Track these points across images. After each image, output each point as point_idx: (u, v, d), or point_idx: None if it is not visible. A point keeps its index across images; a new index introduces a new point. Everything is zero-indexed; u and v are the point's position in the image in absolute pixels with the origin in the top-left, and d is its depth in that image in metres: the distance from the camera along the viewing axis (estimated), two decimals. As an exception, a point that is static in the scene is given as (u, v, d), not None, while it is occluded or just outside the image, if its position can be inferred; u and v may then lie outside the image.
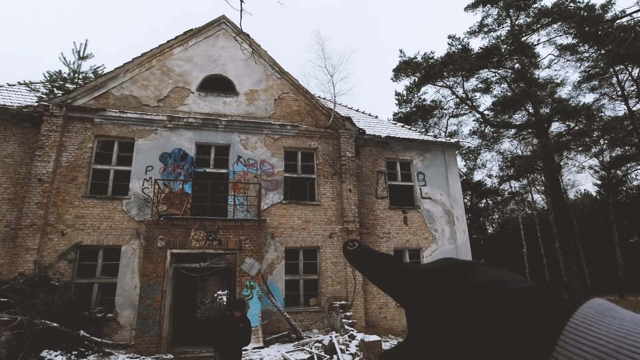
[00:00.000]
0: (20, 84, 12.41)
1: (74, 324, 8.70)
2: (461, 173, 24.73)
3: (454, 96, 26.54)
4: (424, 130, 26.07)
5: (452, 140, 15.05)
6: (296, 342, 9.49)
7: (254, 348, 9.23)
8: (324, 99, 14.79)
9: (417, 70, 25.89)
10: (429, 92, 53.41)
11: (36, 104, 10.90)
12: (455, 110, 27.41)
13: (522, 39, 22.64)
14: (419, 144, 14.17)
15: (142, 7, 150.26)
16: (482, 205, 29.71)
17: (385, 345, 9.74)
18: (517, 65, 23.46)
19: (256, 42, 12.54)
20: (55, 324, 8.22)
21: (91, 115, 11.24)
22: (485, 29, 24.40)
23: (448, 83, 25.82)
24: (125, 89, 11.87)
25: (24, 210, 10.01)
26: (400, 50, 26.70)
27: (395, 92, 29.06)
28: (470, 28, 25.05)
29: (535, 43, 23.20)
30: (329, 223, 12.11)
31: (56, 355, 7.85)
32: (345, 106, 16.54)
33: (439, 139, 14.97)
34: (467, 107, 26.18)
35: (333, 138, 13.08)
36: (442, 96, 27.46)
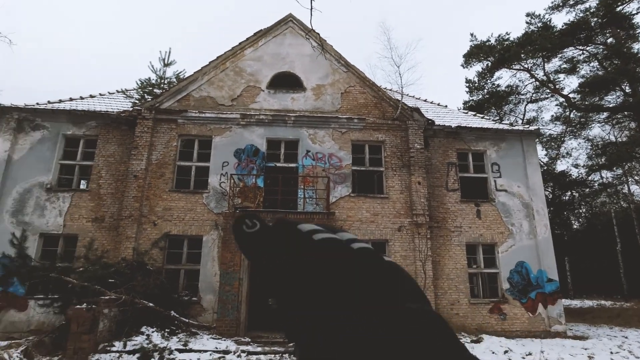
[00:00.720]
0: (117, 92, 14.09)
1: (165, 305, 9.70)
2: (541, 163, 22.80)
3: (533, 79, 24.45)
4: (498, 118, 24.40)
5: (531, 128, 13.95)
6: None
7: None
8: (390, 90, 14.55)
9: (490, 54, 24.25)
10: (504, 77, 49.80)
11: (131, 109, 12.28)
12: (534, 95, 25.25)
13: (617, 9, 20.06)
14: (493, 133, 13.35)
15: (214, 11, 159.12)
16: (567, 197, 27.11)
17: (459, 343, 9.46)
18: (610, 40, 20.89)
19: (322, 37, 12.72)
20: (151, 304, 9.24)
21: (175, 116, 12.32)
22: (571, 2, 22.00)
23: (526, 65, 23.83)
24: (203, 91, 12.79)
25: (124, 203, 11.36)
26: (471, 34, 25.19)
27: (466, 79, 27.50)
28: (552, 3, 22.75)
29: (634, 12, 20.41)
30: (398, 216, 11.97)
31: (153, 331, 8.83)
32: (413, 96, 16.11)
33: (516, 127, 13.98)
34: (548, 90, 23.97)
35: (401, 130, 12.85)
36: (519, 80, 25.47)
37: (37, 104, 12.57)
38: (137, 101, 12.93)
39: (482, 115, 15.75)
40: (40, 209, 11.51)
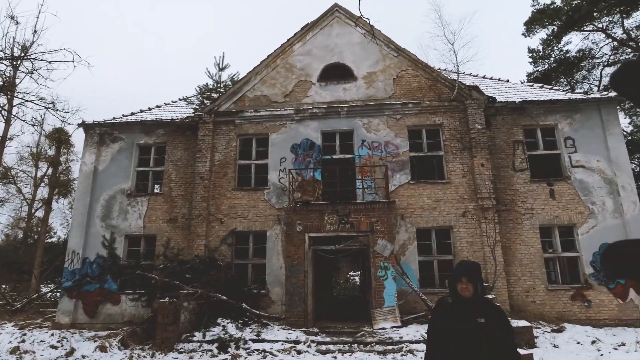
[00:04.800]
0: (180, 99, 15.07)
1: (237, 297, 10.25)
2: (625, 133, 20.44)
3: (610, 40, 21.89)
4: (568, 88, 22.27)
5: (611, 94, 12.52)
6: (435, 323, 9.38)
7: (392, 327, 9.48)
8: (445, 70, 13.88)
9: (556, 17, 22.10)
10: (574, 41, 45.05)
11: (192, 115, 13.06)
12: (612, 57, 22.58)
13: None
14: (565, 104, 12.20)
15: (261, 9, 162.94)
16: (658, 169, 24.02)
17: (537, 332, 8.89)
18: None
19: (369, 23, 12.44)
20: (224, 297, 9.83)
21: (233, 117, 12.86)
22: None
23: (600, 25, 21.38)
24: (257, 90, 13.18)
25: (193, 203, 12.16)
26: (533, -1, 23.12)
27: (529, 48, 25.30)
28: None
29: None
30: (461, 201, 11.47)
31: (228, 323, 9.40)
32: (470, 74, 15.22)
33: (592, 96, 12.66)
34: (629, 50, 21.33)
35: (459, 111, 12.24)
36: (593, 42, 22.85)
37: (114, 118, 13.85)
38: (197, 107, 13.71)
39: (549, 87, 14.45)
40: (124, 213, 12.71)
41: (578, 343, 8.37)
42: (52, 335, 9.70)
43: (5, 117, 19.29)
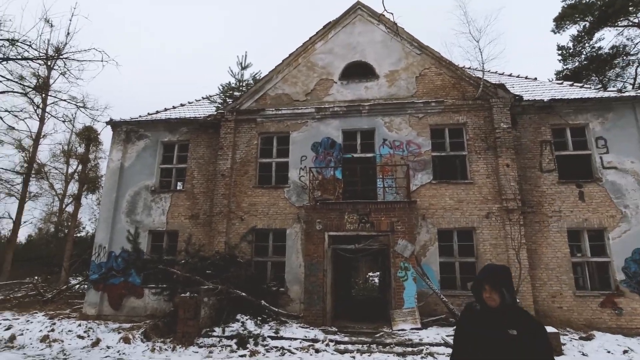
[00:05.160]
0: (203, 98, 15.35)
1: (256, 295, 10.33)
2: (661, 133, 19.41)
3: (646, 36, 20.86)
4: (600, 86, 21.37)
5: (647, 93, 11.92)
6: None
7: (412, 329, 9.34)
8: (470, 68, 13.56)
9: (588, 12, 21.24)
10: (607, 38, 43.28)
11: (215, 113, 13.26)
12: (648, 54, 21.53)
13: None
14: (596, 103, 11.70)
15: (283, 9, 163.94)
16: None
17: (564, 339, 8.56)
18: None
19: (393, 20, 12.29)
20: (244, 294, 9.93)
21: (254, 116, 12.97)
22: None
23: (636, 20, 20.41)
24: (278, 89, 13.25)
25: (214, 200, 12.34)
26: (563, -6, 22.29)
27: (558, 45, 24.44)
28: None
29: None
30: (485, 202, 11.18)
31: (247, 319, 9.48)
32: (496, 72, 14.82)
33: (626, 94, 12.08)
34: (667, 47, 20.28)
35: (484, 109, 11.93)
36: (627, 38, 21.83)
37: (140, 116, 14.22)
38: (220, 105, 13.92)
39: (580, 85, 13.88)
40: (148, 208, 13.03)
41: (608, 352, 8.01)
42: (79, 325, 10.05)
43: (39, 116, 20.16)
